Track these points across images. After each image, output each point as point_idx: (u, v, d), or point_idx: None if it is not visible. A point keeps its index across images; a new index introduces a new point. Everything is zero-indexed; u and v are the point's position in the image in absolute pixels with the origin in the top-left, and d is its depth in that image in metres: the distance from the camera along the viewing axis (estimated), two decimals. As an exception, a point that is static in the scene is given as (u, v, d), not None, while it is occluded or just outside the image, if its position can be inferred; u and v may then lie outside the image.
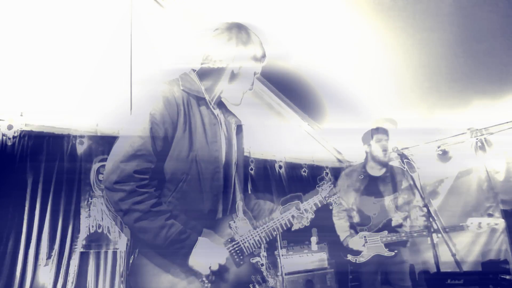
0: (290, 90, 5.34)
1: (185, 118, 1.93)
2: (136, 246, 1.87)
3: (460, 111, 5.33)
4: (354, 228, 4.38)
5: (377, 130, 4.40)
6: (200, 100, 2.04)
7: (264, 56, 2.19)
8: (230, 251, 1.95)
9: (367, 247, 4.19)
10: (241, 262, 1.96)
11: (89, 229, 4.50)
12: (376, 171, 4.47)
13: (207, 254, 1.84)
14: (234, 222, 2.03)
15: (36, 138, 4.45)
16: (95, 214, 4.58)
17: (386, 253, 4.14)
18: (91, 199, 4.61)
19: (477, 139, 5.80)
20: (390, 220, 4.26)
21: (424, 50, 4.14)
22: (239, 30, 2.12)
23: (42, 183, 4.36)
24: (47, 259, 4.20)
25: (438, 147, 6.19)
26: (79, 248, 4.40)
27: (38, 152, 4.43)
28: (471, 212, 5.93)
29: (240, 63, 2.08)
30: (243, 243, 1.99)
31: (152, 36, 4.07)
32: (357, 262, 4.23)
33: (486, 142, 5.75)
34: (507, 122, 5.47)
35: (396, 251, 4.15)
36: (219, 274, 1.86)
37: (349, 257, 4.28)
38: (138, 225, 1.71)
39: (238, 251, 1.97)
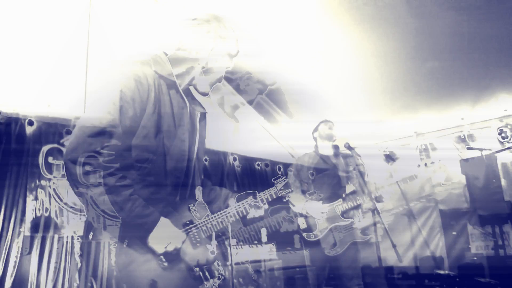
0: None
1: (155, 98, 1.95)
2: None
3: (409, 116, 5.65)
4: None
5: (324, 121, 4.65)
6: (170, 83, 2.06)
7: (238, 52, 2.25)
8: (188, 233, 2.00)
9: (325, 218, 4.26)
10: (198, 244, 2.01)
11: (35, 212, 4.36)
12: (326, 151, 4.64)
13: (166, 235, 1.87)
14: (194, 205, 2.08)
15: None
16: (42, 198, 4.43)
17: (342, 221, 4.27)
18: (39, 181, 4.45)
19: (422, 144, 6.15)
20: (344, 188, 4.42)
21: (388, 56, 4.42)
22: (218, 24, 2.15)
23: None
24: (-12, 241, 4.03)
25: (386, 148, 6.49)
26: (24, 231, 4.24)
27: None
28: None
29: (215, 57, 2.14)
30: (200, 226, 2.05)
31: (111, 16, 3.97)
32: (312, 239, 4.31)
33: (430, 146, 6.10)
34: (449, 128, 5.85)
35: (352, 219, 4.27)
36: (173, 256, 1.90)
37: (304, 235, 4.36)
38: (103, 198, 1.71)
39: (195, 234, 2.02)
